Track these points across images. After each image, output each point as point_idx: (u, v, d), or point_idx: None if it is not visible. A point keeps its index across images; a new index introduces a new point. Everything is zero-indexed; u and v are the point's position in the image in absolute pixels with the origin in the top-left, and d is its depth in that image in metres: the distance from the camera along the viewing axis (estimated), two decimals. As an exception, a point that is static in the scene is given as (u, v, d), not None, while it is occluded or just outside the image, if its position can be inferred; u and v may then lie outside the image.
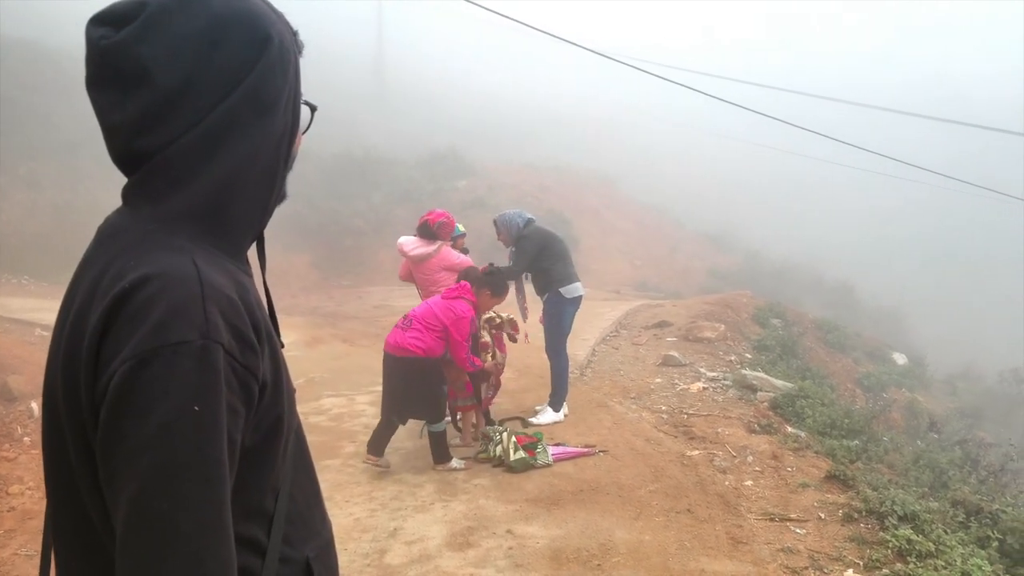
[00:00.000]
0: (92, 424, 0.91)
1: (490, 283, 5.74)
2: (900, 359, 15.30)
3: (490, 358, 6.07)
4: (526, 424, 6.48)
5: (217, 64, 1.00)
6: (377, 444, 5.48)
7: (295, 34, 1.14)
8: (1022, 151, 24.77)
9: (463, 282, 5.69)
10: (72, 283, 1.02)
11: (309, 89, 1.17)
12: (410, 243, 6.46)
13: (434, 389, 5.42)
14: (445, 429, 5.57)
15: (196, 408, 0.87)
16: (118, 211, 1.05)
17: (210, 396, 0.88)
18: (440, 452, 5.56)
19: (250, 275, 1.12)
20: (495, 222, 6.72)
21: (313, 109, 1.20)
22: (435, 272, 6.43)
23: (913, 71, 48.48)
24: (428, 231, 6.42)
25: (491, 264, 6.33)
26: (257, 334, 0.99)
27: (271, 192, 1.11)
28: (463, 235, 6.83)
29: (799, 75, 34.92)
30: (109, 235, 1.02)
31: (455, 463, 5.57)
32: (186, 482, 0.86)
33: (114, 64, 0.97)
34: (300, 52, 1.14)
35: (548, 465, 5.58)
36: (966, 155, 30.67)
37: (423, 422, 5.64)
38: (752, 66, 37.94)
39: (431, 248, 6.39)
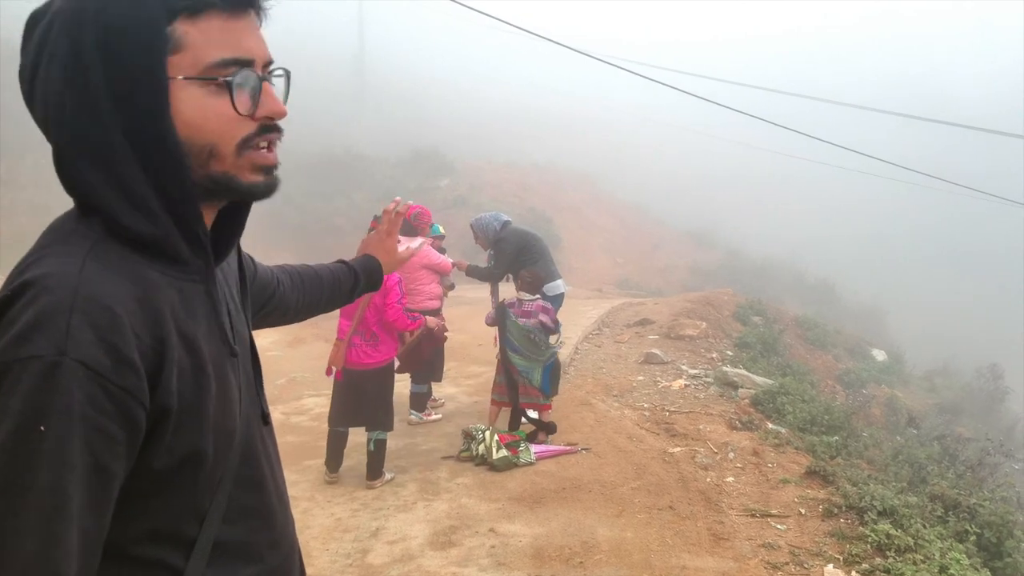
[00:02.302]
0: None
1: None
2: (880, 355, 15.46)
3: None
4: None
5: (47, 72, 0.94)
6: (335, 458, 5.39)
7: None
8: (1002, 149, 25.13)
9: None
10: None
11: (290, 86, 1.08)
12: None
13: (390, 393, 5.33)
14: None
15: (41, 428, 0.80)
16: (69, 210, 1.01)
17: (58, 417, 0.80)
18: (380, 464, 5.33)
19: (201, 282, 1.01)
20: (471, 226, 6.70)
21: (287, 75, 1.07)
22: (415, 270, 6.42)
23: (891, 69, 48.97)
24: (407, 226, 6.42)
25: (468, 267, 6.35)
26: (160, 353, 0.90)
27: (173, 194, 0.95)
28: (442, 236, 6.80)
29: (779, 73, 35.15)
30: (42, 234, 0.97)
31: (388, 475, 5.39)
32: (14, 508, 0.79)
33: None
34: (215, 5, 0.95)
35: (531, 463, 5.58)
36: (946, 153, 31.06)
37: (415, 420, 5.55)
38: (733, 64, 38.14)
39: (414, 244, 6.36)
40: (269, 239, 16.89)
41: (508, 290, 6.88)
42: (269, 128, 1.01)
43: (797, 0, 54.69)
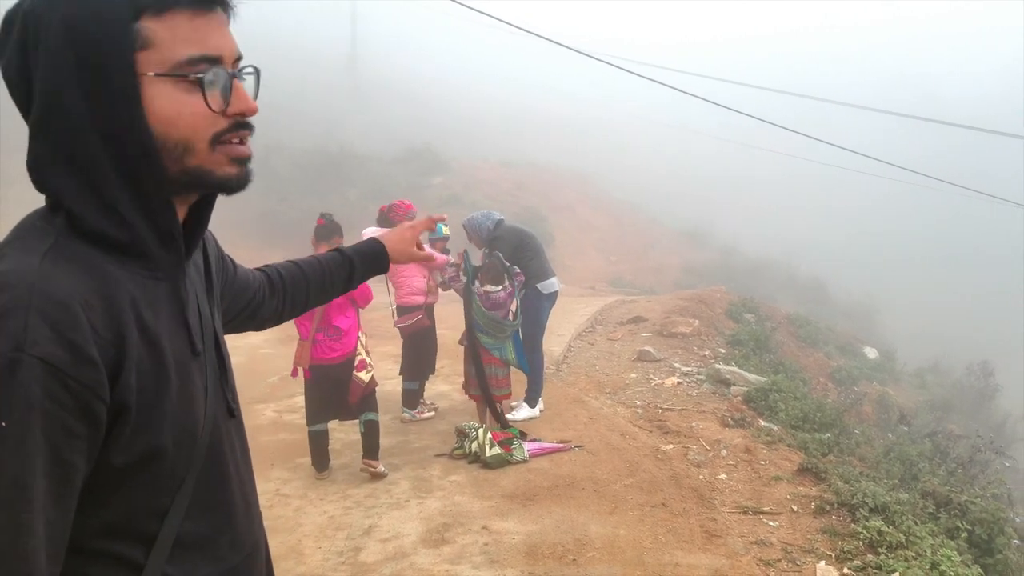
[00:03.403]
0: None
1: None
2: (871, 353, 15.51)
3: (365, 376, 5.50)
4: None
5: (8, 67, 0.97)
6: (322, 458, 5.41)
7: None
8: (994, 149, 25.25)
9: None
10: None
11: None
12: (368, 232, 6.46)
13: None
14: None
15: (2, 424, 0.80)
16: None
17: (19, 413, 0.81)
18: (375, 444, 5.37)
19: (165, 279, 1.02)
20: (464, 226, 6.69)
21: (257, 73, 1.08)
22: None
23: (890, 69, 49.13)
24: (383, 219, 6.46)
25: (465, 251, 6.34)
26: (119, 349, 0.90)
27: (144, 191, 0.97)
28: (446, 238, 6.77)
29: (778, 73, 35.23)
30: (12, 230, 0.98)
31: (382, 468, 5.40)
32: None
33: None
34: (184, 3, 0.96)
35: (524, 461, 5.58)
36: (942, 154, 31.17)
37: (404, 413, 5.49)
38: (732, 64, 38.20)
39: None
40: (263, 236, 16.85)
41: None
42: (241, 125, 1.02)
43: (795, 0, 54.83)
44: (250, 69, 1.05)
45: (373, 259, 1.68)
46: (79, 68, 0.93)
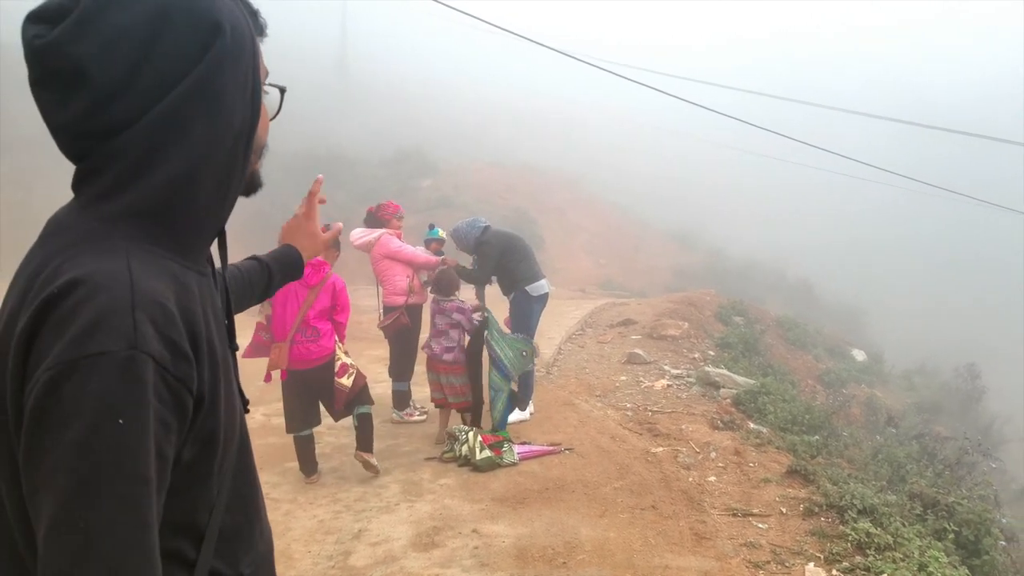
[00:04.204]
0: (17, 435, 0.86)
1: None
2: (859, 355, 15.60)
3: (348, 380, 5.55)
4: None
5: (159, 58, 0.96)
6: (309, 462, 5.39)
7: (255, 15, 1.10)
8: (988, 155, 25.46)
9: (321, 260, 5.34)
10: (11, 282, 0.98)
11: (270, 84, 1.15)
12: (355, 233, 6.50)
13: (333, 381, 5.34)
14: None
15: (120, 422, 0.83)
16: (67, 205, 1.01)
17: (135, 409, 0.84)
18: (370, 436, 5.40)
19: (207, 274, 1.07)
20: (451, 236, 6.71)
21: (282, 91, 1.19)
22: (378, 261, 6.44)
23: (877, 74, 49.45)
24: (371, 219, 6.49)
25: (457, 267, 6.34)
26: (195, 343, 0.94)
27: (227, 188, 1.05)
28: (441, 240, 6.77)
29: (771, 77, 35.43)
30: (51, 232, 0.98)
31: (375, 461, 5.44)
32: (105, 500, 0.81)
33: (50, 65, 0.93)
34: (262, 34, 1.11)
35: (514, 464, 5.58)
36: (931, 158, 31.35)
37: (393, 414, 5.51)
38: (716, 68, 38.34)
39: (372, 236, 6.42)
40: (251, 239, 16.75)
41: (494, 293, 6.89)
42: None
43: (789, 4, 55.08)
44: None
45: (289, 265, 1.72)
46: (233, 70, 1.02)
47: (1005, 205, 16.33)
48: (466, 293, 6.61)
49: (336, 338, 5.30)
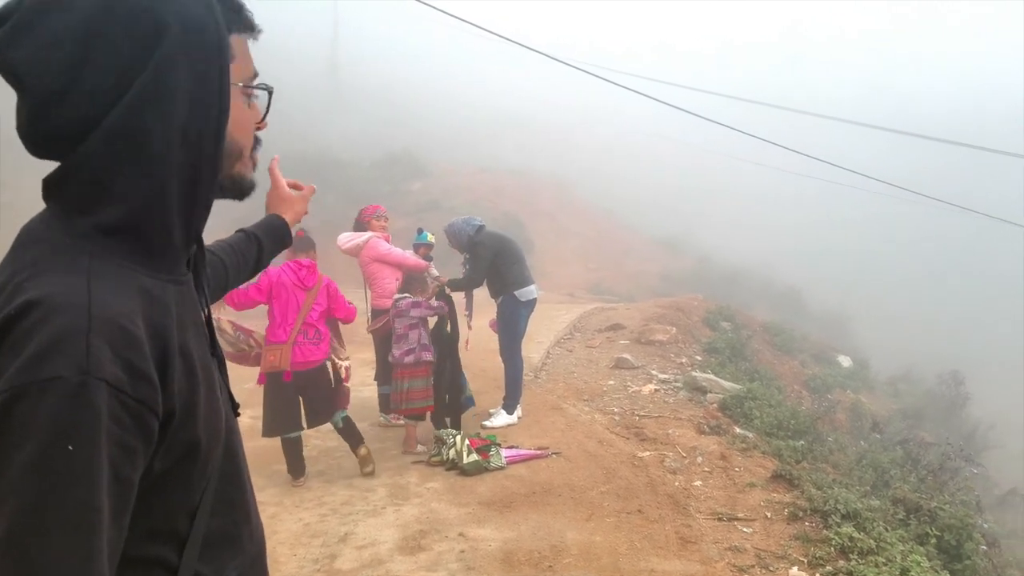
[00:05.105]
0: None
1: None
2: (845, 361, 15.69)
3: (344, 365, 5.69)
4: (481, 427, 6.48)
5: (99, 64, 0.91)
6: (297, 465, 5.40)
7: (238, 10, 1.06)
8: (974, 165, 25.69)
9: (312, 262, 5.37)
10: None
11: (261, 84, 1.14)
12: (343, 237, 6.53)
13: (330, 384, 5.40)
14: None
15: (70, 448, 0.81)
16: (40, 214, 0.99)
17: (87, 435, 0.82)
18: (356, 434, 5.47)
19: (184, 282, 1.05)
20: (444, 232, 6.72)
21: (270, 92, 1.15)
22: (367, 264, 6.46)
23: (864, 83, 49.81)
24: (358, 222, 6.60)
25: (449, 280, 6.36)
26: (165, 359, 0.93)
27: (196, 196, 1.00)
28: (430, 244, 6.77)
29: (755, 84, 35.59)
30: (22, 244, 0.95)
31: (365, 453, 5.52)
32: (52, 527, 0.80)
33: None
34: (250, 30, 1.09)
35: (501, 468, 5.59)
36: (918, 167, 31.57)
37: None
38: (707, 74, 38.53)
39: (360, 239, 6.45)
40: (239, 241, 16.72)
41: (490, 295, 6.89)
42: (258, 137, 1.16)
43: (781, 11, 55.37)
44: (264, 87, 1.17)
45: (275, 232, 1.73)
46: (189, 71, 0.97)
47: (995, 215, 16.47)
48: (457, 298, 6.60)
49: (336, 340, 5.37)
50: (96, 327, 0.85)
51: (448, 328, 6.24)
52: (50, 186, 0.97)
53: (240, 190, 1.14)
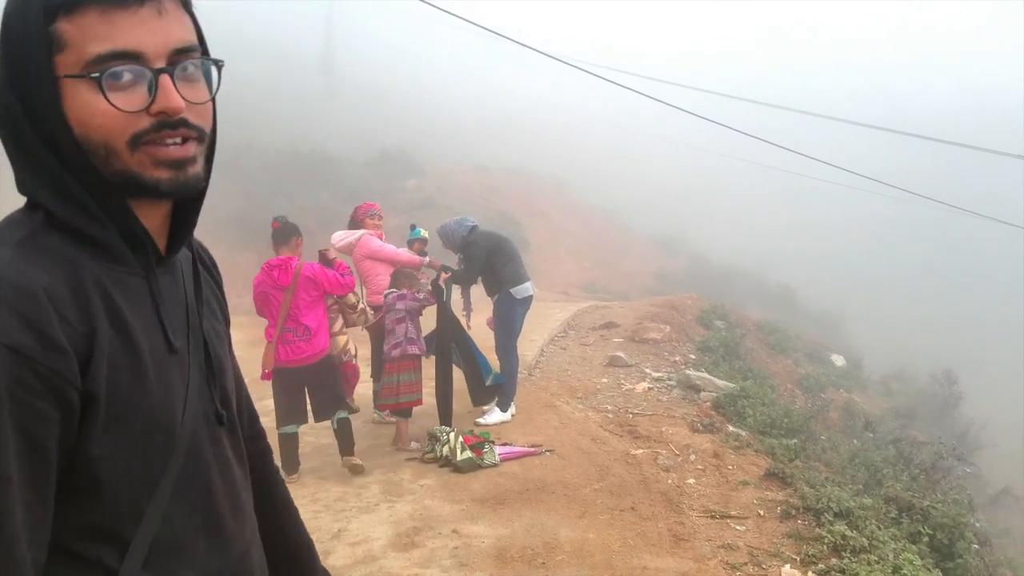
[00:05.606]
0: None
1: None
2: (838, 360, 15.73)
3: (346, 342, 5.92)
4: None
5: None
6: (291, 461, 5.40)
7: None
8: (970, 165, 25.78)
9: (284, 259, 5.35)
10: None
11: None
12: (336, 236, 6.53)
13: (334, 381, 5.43)
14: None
15: None
16: None
17: None
18: (350, 439, 5.47)
19: (137, 274, 1.00)
20: (437, 233, 6.72)
21: (219, 66, 1.03)
22: (360, 262, 6.46)
23: (861, 83, 49.92)
24: (352, 220, 6.61)
25: (443, 265, 6.37)
26: (90, 339, 0.90)
27: (69, 191, 0.95)
28: (424, 240, 6.77)
29: (752, 84, 35.65)
30: None
31: (359, 461, 5.50)
32: None
33: None
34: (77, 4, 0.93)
35: (495, 465, 5.59)
36: (916, 168, 31.66)
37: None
38: (704, 73, 38.57)
39: (353, 237, 6.45)
40: (233, 238, 16.66)
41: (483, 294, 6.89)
42: (166, 124, 0.95)
43: (778, 10, 55.46)
44: (196, 62, 0.99)
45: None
46: (10, 71, 0.93)
47: (991, 216, 16.53)
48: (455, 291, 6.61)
49: (340, 329, 5.39)
50: (4, 294, 0.85)
51: (440, 321, 6.26)
52: None
53: (143, 189, 0.97)
